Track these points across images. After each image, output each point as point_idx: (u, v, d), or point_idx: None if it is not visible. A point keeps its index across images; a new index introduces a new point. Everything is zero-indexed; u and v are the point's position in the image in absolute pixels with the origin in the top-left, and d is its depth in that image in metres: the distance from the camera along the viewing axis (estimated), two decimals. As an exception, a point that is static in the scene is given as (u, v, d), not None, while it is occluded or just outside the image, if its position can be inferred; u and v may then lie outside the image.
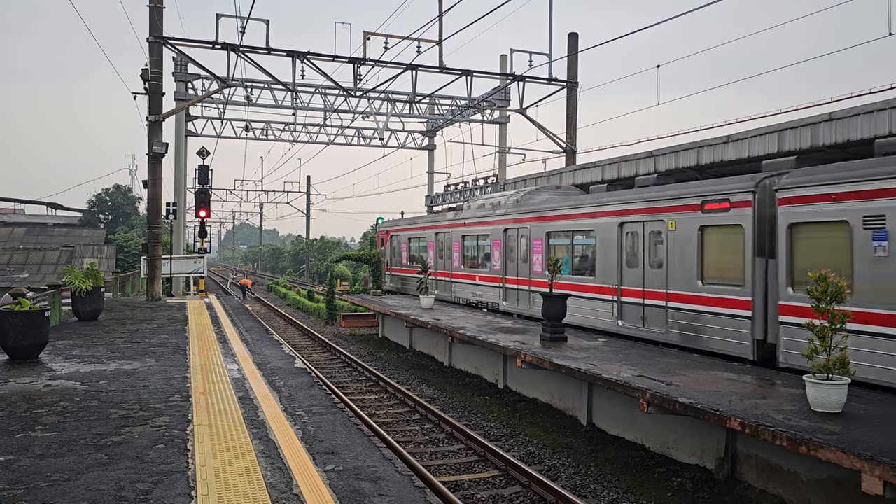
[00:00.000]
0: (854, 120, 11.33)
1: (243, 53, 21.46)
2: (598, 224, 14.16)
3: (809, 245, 9.59)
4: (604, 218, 14.00)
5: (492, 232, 18.95)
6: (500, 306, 18.47)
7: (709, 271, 11.36)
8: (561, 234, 15.81)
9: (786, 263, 9.81)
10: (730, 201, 10.89)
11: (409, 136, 37.56)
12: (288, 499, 4.94)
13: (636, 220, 13.05)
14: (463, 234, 21.04)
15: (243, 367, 10.19)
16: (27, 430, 6.52)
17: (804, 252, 9.63)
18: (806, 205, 9.53)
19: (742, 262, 10.60)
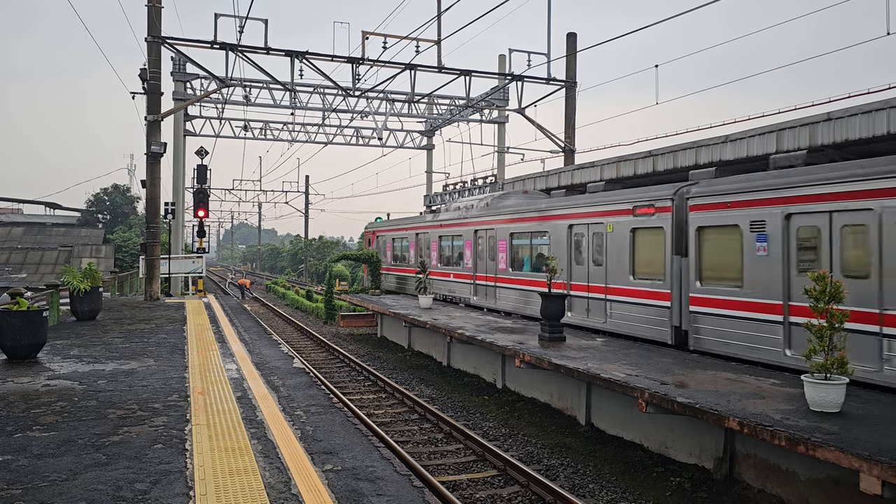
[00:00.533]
0: (852, 120, 11.34)
1: (242, 53, 21.44)
2: (552, 226, 15.78)
3: (712, 245, 11.26)
4: (556, 221, 15.61)
5: (464, 233, 20.58)
6: (471, 301, 20.00)
7: (639, 268, 12.92)
8: (522, 234, 17.39)
9: (695, 261, 11.46)
10: (654, 207, 12.46)
11: (408, 136, 37.56)
12: (286, 499, 4.93)
13: (582, 223, 14.66)
14: (440, 235, 22.59)
15: (242, 367, 10.19)
16: (25, 429, 6.51)
17: (708, 251, 11.32)
18: (710, 211, 11.18)
19: (663, 259, 12.18)
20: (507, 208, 18.30)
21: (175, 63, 27.58)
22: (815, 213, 9.39)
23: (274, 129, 36.05)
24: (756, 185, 10.38)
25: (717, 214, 11.03)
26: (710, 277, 11.24)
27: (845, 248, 9.02)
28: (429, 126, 36.52)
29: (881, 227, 8.41)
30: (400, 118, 33.31)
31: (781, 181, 9.96)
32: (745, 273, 10.41)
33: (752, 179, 10.58)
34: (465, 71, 23.78)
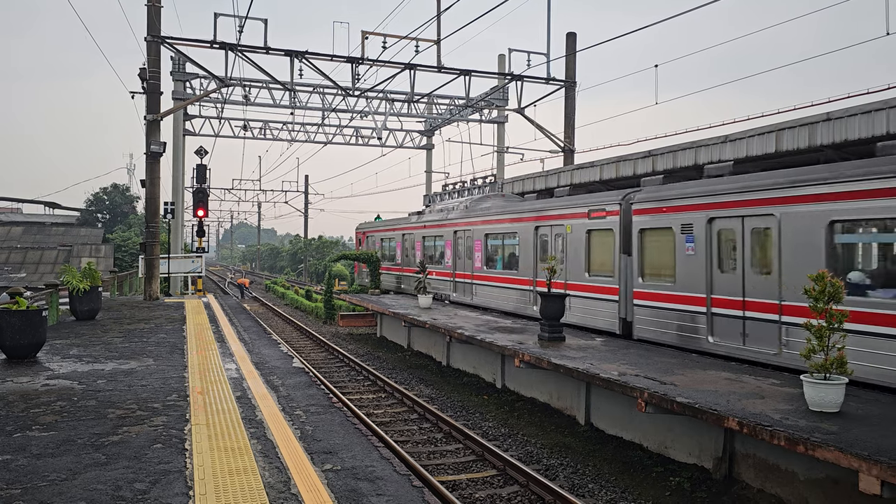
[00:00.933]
0: (852, 120, 11.34)
1: (241, 53, 21.43)
2: (521, 227, 17.17)
3: (652, 245, 12.66)
4: (525, 223, 16.98)
5: (445, 233, 22.23)
6: (451, 297, 21.55)
7: (593, 266, 14.39)
8: (496, 235, 18.82)
9: (637, 259, 12.91)
10: (605, 211, 13.86)
11: (408, 136, 37.55)
12: (286, 498, 4.93)
13: (546, 225, 16.03)
14: (423, 235, 24.13)
15: (241, 367, 10.19)
16: (24, 429, 6.51)
17: (649, 251, 12.74)
18: (649, 215, 12.63)
19: (613, 258, 13.60)
20: (483, 211, 19.72)
21: (175, 63, 27.57)
22: (731, 218, 10.74)
23: (273, 128, 36.05)
24: (686, 192, 11.80)
25: (655, 218, 12.51)
26: (649, 274, 12.73)
27: (754, 248, 10.39)
28: (428, 126, 36.51)
29: (780, 230, 9.76)
30: (399, 118, 33.32)
31: (705, 189, 11.42)
32: (676, 270, 11.87)
33: (684, 187, 12.01)
34: (464, 71, 23.77)
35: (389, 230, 28.37)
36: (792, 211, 9.64)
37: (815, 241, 9.26)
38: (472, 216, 20.21)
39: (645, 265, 12.82)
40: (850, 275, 9.01)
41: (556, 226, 15.60)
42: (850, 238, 9.23)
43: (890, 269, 8.93)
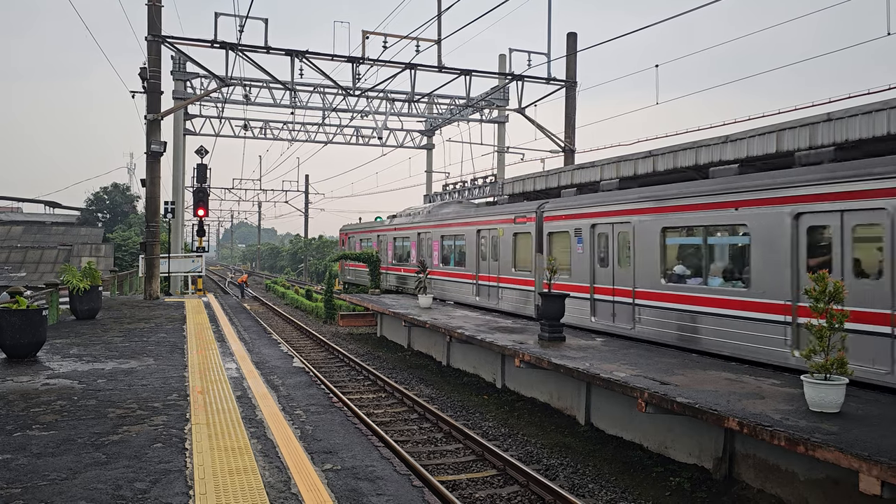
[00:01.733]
0: (853, 120, 11.33)
1: (242, 52, 21.43)
2: (467, 230, 20.51)
3: (556, 245, 15.70)
4: (469, 226, 20.35)
5: (410, 235, 25.57)
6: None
7: (518, 262, 17.42)
8: (448, 237, 22.06)
9: (546, 256, 15.57)
10: (526, 217, 16.77)
11: (408, 136, 37.53)
12: (286, 498, 4.93)
13: (485, 228, 19.27)
14: (394, 237, 27.63)
15: (241, 367, 10.18)
16: (25, 428, 6.51)
17: (555, 249, 15.67)
18: (555, 221, 15.67)
19: (531, 255, 16.49)
20: (441, 216, 22.91)
21: (175, 62, 27.57)
22: (606, 224, 13.87)
23: (274, 128, 36.04)
24: (578, 203, 14.96)
25: (558, 224, 15.55)
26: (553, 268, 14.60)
27: (620, 248, 13.45)
28: (429, 126, 36.49)
29: (634, 234, 12.91)
30: (400, 118, 33.29)
31: (591, 202, 14.50)
32: (571, 265, 14.91)
33: (579, 199, 15.11)
34: (465, 70, 23.77)
35: (367, 232, 31.86)
36: (641, 219, 12.87)
37: (654, 242, 12.45)
38: (432, 221, 23.51)
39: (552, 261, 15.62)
40: (675, 268, 12.14)
41: (492, 229, 18.82)
42: (672, 241, 12.37)
43: (697, 264, 11.82)
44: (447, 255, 22.18)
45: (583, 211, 14.60)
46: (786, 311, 9.75)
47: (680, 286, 11.77)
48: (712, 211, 11.22)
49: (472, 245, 19.90)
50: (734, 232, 11.21)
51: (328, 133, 36.17)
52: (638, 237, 12.81)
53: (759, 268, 10.30)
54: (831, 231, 9.23)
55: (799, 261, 9.65)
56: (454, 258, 21.53)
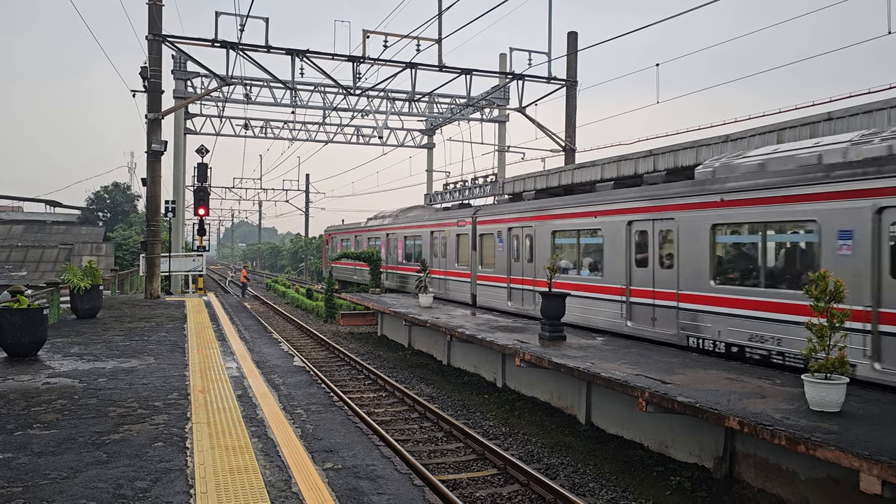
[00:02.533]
0: (853, 119, 11.32)
1: (242, 51, 21.43)
2: (423, 232, 24.56)
3: (485, 245, 19.41)
4: (425, 228, 24.32)
5: (381, 236, 29.92)
6: (384, 284, 28.76)
7: (460, 259, 21.20)
8: (409, 237, 26.23)
9: (479, 254, 19.75)
10: (465, 221, 20.61)
11: (408, 135, 37.49)
12: (287, 497, 4.94)
13: (437, 230, 23.12)
14: (368, 237, 32.03)
15: (242, 366, 10.19)
16: (25, 427, 6.51)
17: (484, 248, 19.44)
18: (484, 224, 19.44)
19: (468, 253, 20.31)
20: (405, 219, 27.05)
21: (176, 61, 27.55)
22: (516, 227, 17.49)
23: (274, 127, 36.02)
24: (499, 211, 18.57)
25: (486, 227, 19.30)
26: (484, 264, 19.22)
27: (526, 246, 16.99)
28: (429, 125, 36.46)
29: (534, 236, 16.48)
30: (400, 117, 33.25)
31: (507, 210, 18.10)
32: (496, 260, 18.49)
33: (500, 208, 18.78)
34: (465, 70, 23.76)
35: (347, 233, 36.70)
36: (539, 224, 16.31)
37: (547, 242, 15.97)
38: (398, 223, 27.60)
39: (483, 258, 19.58)
40: (560, 262, 14.49)
41: (441, 231, 22.71)
42: (560, 241, 15.85)
43: (575, 259, 15.26)
44: (409, 253, 26.09)
45: (502, 217, 18.32)
46: (623, 293, 13.24)
47: (562, 276, 14.78)
48: (582, 218, 14.72)
49: (427, 244, 23.99)
50: (594, 234, 14.49)
51: (329, 132, 36.16)
52: (537, 238, 16.38)
53: (608, 261, 13.76)
54: (648, 235, 12.67)
55: (630, 255, 13.13)
56: (414, 255, 25.28)
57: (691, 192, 11.58)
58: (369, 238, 31.66)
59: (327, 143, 36.87)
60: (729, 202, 10.72)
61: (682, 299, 11.56)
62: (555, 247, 15.65)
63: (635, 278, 12.89)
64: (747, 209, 10.39)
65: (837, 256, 8.87)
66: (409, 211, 28.56)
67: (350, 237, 35.40)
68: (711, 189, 11.12)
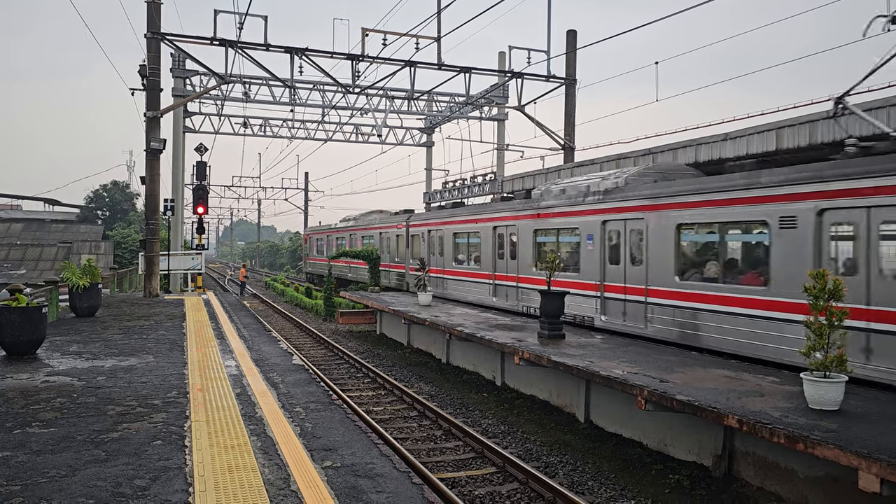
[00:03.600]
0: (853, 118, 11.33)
1: (241, 49, 21.40)
2: (376, 233, 31.40)
3: (416, 243, 25.03)
4: (375, 230, 31.58)
5: (346, 236, 36.68)
6: (347, 276, 34.89)
7: (399, 254, 27.34)
8: (366, 237, 32.97)
9: (410, 251, 25.66)
10: (402, 224, 26.69)
11: (408, 133, 37.45)
12: (286, 495, 4.93)
13: (384, 232, 30.01)
14: (337, 237, 38.88)
15: (241, 364, 10.19)
16: (24, 426, 6.51)
17: (414, 245, 25.24)
18: (416, 227, 25.11)
19: (404, 251, 26.52)
20: (364, 223, 34.05)
21: (174, 59, 27.51)
22: (434, 230, 22.96)
23: (273, 125, 35.99)
24: (425, 217, 24.37)
25: (415, 230, 25.41)
26: (414, 258, 23.98)
27: (439, 244, 22.59)
28: (428, 123, 36.43)
29: (442, 236, 21.89)
30: (399, 115, 33.24)
31: (428, 216, 24.02)
32: (423, 256, 23.19)
33: (425, 215, 24.75)
34: (464, 68, 23.75)
35: (321, 233, 43.65)
36: (449, 227, 22.09)
37: (451, 241, 21.80)
38: (359, 225, 34.78)
39: (413, 254, 25.41)
40: (458, 255, 20.91)
41: (387, 232, 29.47)
42: (459, 240, 21.46)
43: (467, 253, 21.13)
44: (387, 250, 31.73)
45: (425, 222, 24.33)
46: (490, 277, 18.90)
47: (460, 267, 21.23)
48: (470, 224, 20.45)
49: (377, 243, 30.94)
50: (476, 235, 19.96)
51: (328, 130, 36.14)
52: (445, 238, 22.29)
53: (484, 255, 19.37)
54: (504, 236, 18.22)
55: (499, 249, 18.52)
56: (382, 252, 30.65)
57: (525, 207, 17.16)
58: (337, 238, 38.01)
59: (326, 141, 36.84)
60: (542, 215, 16.27)
61: (520, 281, 17.44)
62: (456, 245, 21.86)
63: (499, 266, 18.71)
64: (554, 221, 15.84)
65: (587, 251, 14.38)
66: (368, 215, 35.02)
67: (323, 237, 42.64)
68: (534, 206, 16.64)
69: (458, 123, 33.43)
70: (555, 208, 15.66)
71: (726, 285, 10.83)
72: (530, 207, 16.74)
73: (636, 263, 12.85)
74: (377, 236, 30.65)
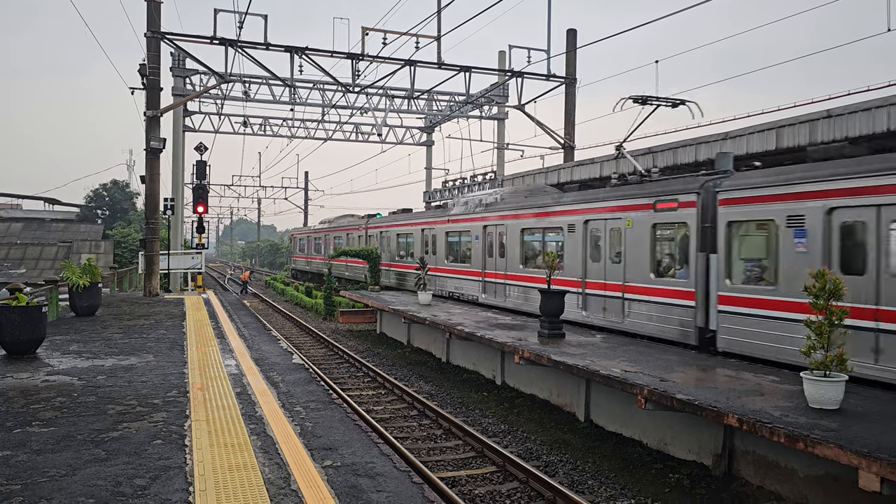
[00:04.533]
0: (853, 117, 11.35)
1: (241, 48, 21.39)
2: (344, 234, 36.33)
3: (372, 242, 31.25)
4: (343, 231, 36.63)
5: (322, 237, 42.08)
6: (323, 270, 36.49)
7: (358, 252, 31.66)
8: (337, 238, 37.83)
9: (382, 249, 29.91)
10: (361, 227, 33.11)
11: (408, 132, 37.40)
12: (286, 494, 4.94)
13: (350, 233, 34.95)
14: (314, 237, 44.65)
15: (241, 363, 10.19)
16: (24, 425, 6.51)
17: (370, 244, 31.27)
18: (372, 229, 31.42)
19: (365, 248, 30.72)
20: (335, 225, 39.64)
21: (174, 59, 27.49)
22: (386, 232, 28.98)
23: (273, 124, 35.96)
24: (381, 221, 30.09)
25: (373, 231, 30.92)
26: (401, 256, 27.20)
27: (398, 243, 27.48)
28: (428, 122, 36.40)
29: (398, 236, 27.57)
30: (399, 114, 33.21)
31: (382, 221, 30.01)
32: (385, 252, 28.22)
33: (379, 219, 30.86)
34: (464, 67, 23.74)
35: (302, 234, 50.32)
36: (392, 230, 28.04)
37: (394, 240, 27.71)
38: (331, 228, 39.99)
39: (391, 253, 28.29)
40: (400, 251, 26.26)
41: (352, 233, 34.71)
42: (401, 240, 27.15)
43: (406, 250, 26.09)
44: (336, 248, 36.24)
45: (378, 225, 30.39)
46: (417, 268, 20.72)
47: (402, 261, 26.44)
48: (408, 227, 25.99)
49: (344, 241, 35.96)
50: (411, 236, 25.51)
51: (328, 130, 36.12)
52: (391, 238, 28.17)
53: (416, 251, 24.25)
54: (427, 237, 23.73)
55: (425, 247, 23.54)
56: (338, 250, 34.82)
57: (443, 215, 22.64)
58: (316, 238, 44.16)
59: (326, 140, 36.83)
60: (451, 220, 21.68)
61: (438, 271, 22.43)
62: (398, 243, 27.33)
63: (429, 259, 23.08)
64: (456, 225, 21.33)
65: (476, 246, 19.73)
66: (342, 218, 40.62)
67: (303, 237, 49.51)
68: (447, 214, 22.20)
69: (458, 122, 33.45)
70: (458, 216, 21.39)
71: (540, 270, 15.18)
72: (445, 215, 22.38)
73: (502, 256, 18.30)
74: (345, 237, 36.20)
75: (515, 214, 17.45)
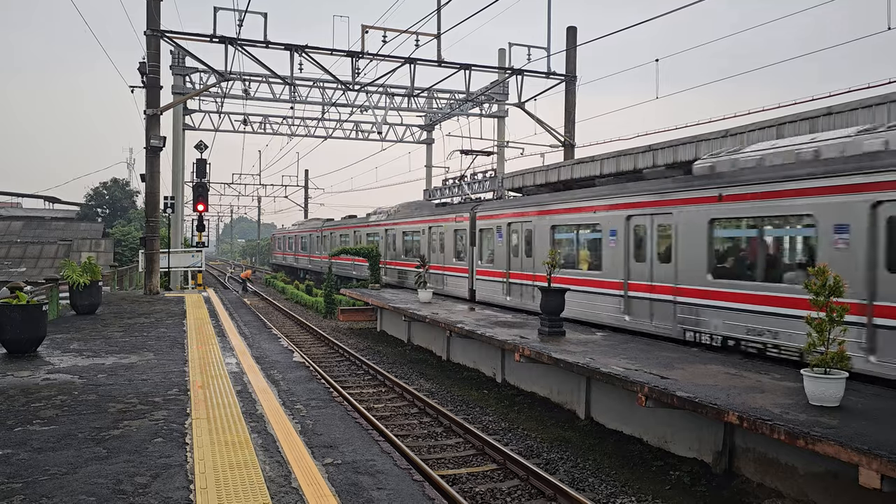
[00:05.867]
0: (853, 115, 11.33)
1: (241, 47, 21.38)
2: (307, 234, 45.37)
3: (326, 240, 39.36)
4: (315, 232, 42.22)
5: (303, 236, 46.79)
6: (308, 268, 44.29)
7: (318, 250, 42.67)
8: (305, 237, 45.72)
9: (322, 245, 40.43)
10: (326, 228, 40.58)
11: (408, 130, 37.36)
12: (286, 492, 4.94)
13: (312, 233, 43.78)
14: (290, 237, 51.35)
15: (241, 361, 10.19)
16: (25, 423, 6.51)
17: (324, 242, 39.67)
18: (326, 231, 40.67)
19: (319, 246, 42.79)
20: (303, 227, 47.08)
21: (174, 57, 27.47)
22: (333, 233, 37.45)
23: (273, 123, 35.92)
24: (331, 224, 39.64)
25: (326, 232, 39.42)
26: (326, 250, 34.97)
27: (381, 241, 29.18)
28: (428, 120, 36.38)
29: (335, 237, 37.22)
30: (399, 112, 33.19)
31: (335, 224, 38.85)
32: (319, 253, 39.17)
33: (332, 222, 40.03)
34: (464, 65, 23.73)
35: (284, 234, 56.65)
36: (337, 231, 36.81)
37: (336, 239, 35.99)
38: (301, 230, 47.52)
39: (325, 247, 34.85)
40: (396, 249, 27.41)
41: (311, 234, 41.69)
42: (346, 239, 33.89)
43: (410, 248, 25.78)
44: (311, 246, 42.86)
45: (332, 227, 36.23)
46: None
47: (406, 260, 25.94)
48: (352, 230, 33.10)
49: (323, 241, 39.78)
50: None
51: (328, 128, 36.10)
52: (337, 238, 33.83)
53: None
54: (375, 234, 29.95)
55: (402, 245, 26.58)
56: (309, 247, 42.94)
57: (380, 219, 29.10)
58: (301, 237, 48.81)
59: (326, 138, 36.81)
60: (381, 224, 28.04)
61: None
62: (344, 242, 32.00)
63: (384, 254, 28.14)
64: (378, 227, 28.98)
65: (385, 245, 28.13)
66: (309, 221, 49.04)
67: (282, 237, 57.00)
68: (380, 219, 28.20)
69: (458, 120, 33.42)
70: (378, 222, 29.32)
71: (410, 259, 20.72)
72: (385, 220, 28.56)
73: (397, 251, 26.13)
74: (308, 237, 43.81)
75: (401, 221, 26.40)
